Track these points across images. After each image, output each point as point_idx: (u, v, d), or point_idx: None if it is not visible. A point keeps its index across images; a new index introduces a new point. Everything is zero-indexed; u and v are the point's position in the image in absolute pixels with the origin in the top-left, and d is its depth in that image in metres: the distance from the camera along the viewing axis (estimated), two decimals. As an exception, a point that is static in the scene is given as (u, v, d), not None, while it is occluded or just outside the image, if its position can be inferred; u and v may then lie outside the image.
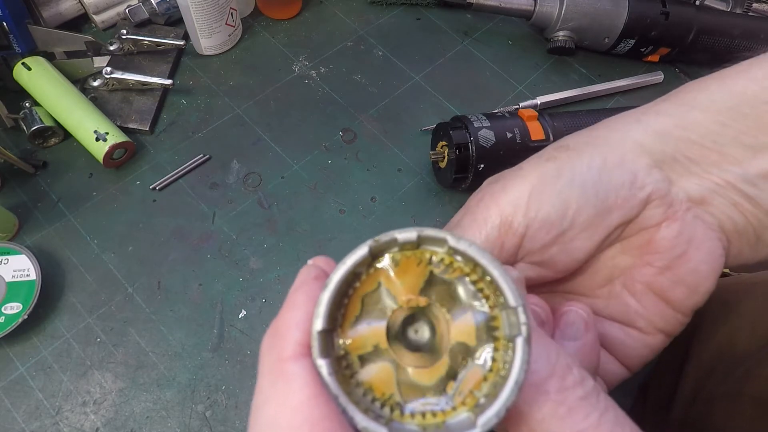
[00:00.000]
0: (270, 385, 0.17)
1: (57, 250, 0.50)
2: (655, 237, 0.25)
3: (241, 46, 0.64)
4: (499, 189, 0.25)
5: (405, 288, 0.17)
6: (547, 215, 0.24)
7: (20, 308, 0.45)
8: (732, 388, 0.30)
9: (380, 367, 0.17)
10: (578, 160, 0.24)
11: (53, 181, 0.53)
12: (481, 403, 0.16)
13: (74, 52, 0.58)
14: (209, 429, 0.44)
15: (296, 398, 0.16)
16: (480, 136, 0.50)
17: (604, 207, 0.24)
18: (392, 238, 0.17)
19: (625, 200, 0.24)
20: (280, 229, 0.53)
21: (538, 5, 0.62)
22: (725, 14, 0.65)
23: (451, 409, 0.16)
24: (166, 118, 0.58)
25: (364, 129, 0.59)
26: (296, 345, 0.17)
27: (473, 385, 0.16)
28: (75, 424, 0.43)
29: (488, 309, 0.17)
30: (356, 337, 0.17)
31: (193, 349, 0.47)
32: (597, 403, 0.18)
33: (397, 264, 0.17)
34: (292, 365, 0.16)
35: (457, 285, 0.17)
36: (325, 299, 0.16)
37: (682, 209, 0.24)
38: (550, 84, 0.64)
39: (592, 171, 0.24)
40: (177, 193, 0.54)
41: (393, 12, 0.68)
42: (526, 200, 0.24)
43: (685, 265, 0.24)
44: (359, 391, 0.17)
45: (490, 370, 0.16)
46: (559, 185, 0.24)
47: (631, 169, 0.24)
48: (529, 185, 0.24)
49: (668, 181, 0.25)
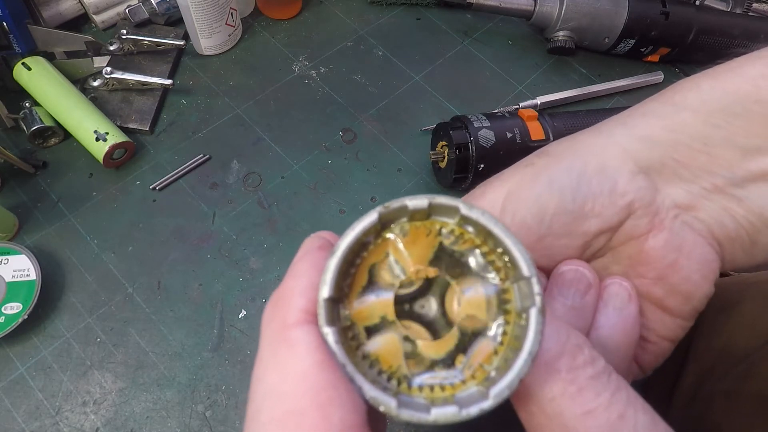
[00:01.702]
0: (272, 353, 0.16)
1: (57, 250, 0.50)
2: (644, 247, 0.24)
3: (241, 46, 0.64)
4: (478, 194, 0.25)
5: (414, 259, 0.17)
6: (523, 219, 0.24)
7: (20, 308, 0.45)
8: (731, 386, 0.30)
9: (387, 339, 0.16)
10: (557, 165, 0.24)
11: (53, 181, 0.53)
12: (492, 377, 0.16)
13: (74, 52, 0.58)
14: (209, 429, 0.44)
15: (300, 365, 0.15)
16: (480, 136, 0.50)
17: (581, 213, 0.24)
18: (402, 205, 0.16)
19: (603, 207, 0.23)
20: (280, 229, 0.53)
21: (538, 5, 0.62)
22: (725, 14, 0.65)
23: (460, 383, 0.16)
24: (166, 118, 0.58)
25: (364, 129, 0.59)
26: (300, 312, 0.16)
27: (483, 358, 0.16)
28: (75, 424, 0.43)
29: (499, 281, 0.17)
30: (363, 307, 0.17)
31: (193, 349, 0.47)
32: (608, 382, 0.17)
33: (406, 234, 0.17)
34: (296, 332, 0.16)
35: (468, 257, 0.17)
36: (333, 266, 0.16)
37: (669, 217, 0.24)
38: (550, 84, 0.64)
39: (570, 176, 0.24)
40: (177, 193, 0.54)
41: (393, 12, 0.68)
42: (501, 204, 0.24)
43: (676, 274, 0.24)
44: (366, 362, 0.16)
45: (501, 344, 0.16)
46: (536, 190, 0.24)
47: (612, 175, 0.24)
48: (506, 190, 0.24)
49: (653, 189, 0.24)
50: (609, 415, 0.17)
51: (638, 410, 0.17)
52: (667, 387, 0.37)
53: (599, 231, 0.24)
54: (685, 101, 0.24)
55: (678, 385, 0.35)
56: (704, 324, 0.34)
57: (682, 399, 0.34)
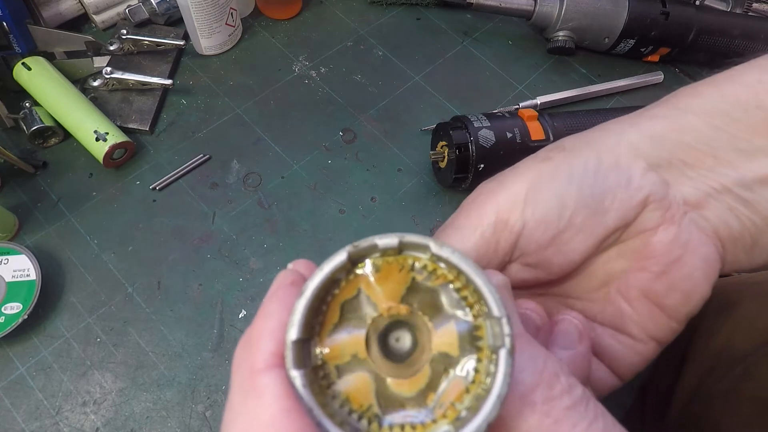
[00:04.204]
0: (240, 400, 0.16)
1: (57, 250, 0.50)
2: (651, 241, 0.24)
3: (241, 46, 0.64)
4: (495, 187, 0.25)
5: (386, 295, 0.16)
6: (544, 215, 0.24)
7: (20, 308, 0.45)
8: (730, 387, 0.30)
9: (358, 378, 0.16)
10: (574, 160, 0.24)
11: (53, 181, 0.53)
12: (463, 416, 0.15)
13: (74, 52, 0.58)
14: (209, 429, 0.44)
15: (268, 413, 0.15)
16: (480, 136, 0.50)
17: (601, 209, 0.24)
18: (372, 244, 0.16)
19: (621, 202, 0.24)
20: (280, 229, 0.53)
21: (538, 5, 0.62)
22: (725, 14, 0.65)
23: (431, 422, 0.16)
24: (166, 118, 0.58)
25: (364, 129, 0.59)
26: (269, 356, 0.16)
27: (455, 397, 0.16)
28: (75, 424, 0.43)
29: (472, 318, 0.16)
30: (334, 346, 0.16)
31: (193, 349, 0.47)
32: (585, 412, 0.17)
33: (378, 270, 0.17)
34: (263, 377, 0.15)
35: (441, 292, 0.17)
36: (300, 307, 0.16)
37: (679, 213, 0.24)
38: (550, 84, 0.64)
39: (588, 172, 0.24)
40: (177, 193, 0.54)
41: (393, 12, 0.68)
42: (524, 198, 0.24)
43: (679, 271, 0.24)
44: (336, 402, 0.16)
45: (473, 382, 0.16)
46: (556, 185, 0.24)
47: (626, 171, 0.24)
48: (526, 184, 0.24)
49: (665, 184, 0.24)
50: None
51: None
52: (666, 387, 0.37)
53: (617, 226, 0.24)
54: (689, 106, 0.24)
55: (677, 386, 0.35)
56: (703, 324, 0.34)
57: (681, 399, 0.34)
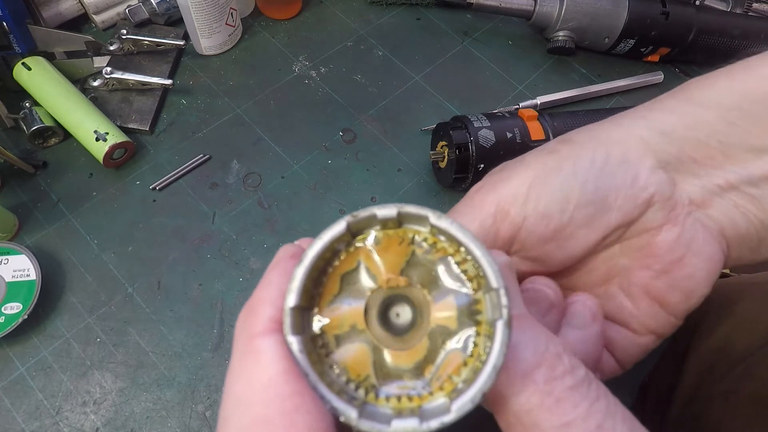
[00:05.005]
0: (240, 363, 0.16)
1: (57, 250, 0.50)
2: (654, 240, 0.24)
3: (241, 46, 0.64)
4: (499, 178, 0.25)
5: (386, 267, 0.17)
6: (547, 208, 0.23)
7: (20, 308, 0.45)
8: (730, 386, 0.30)
9: (357, 348, 0.16)
10: (582, 154, 0.24)
11: (53, 181, 0.53)
12: (459, 389, 0.15)
13: (74, 52, 0.58)
14: (209, 429, 0.44)
15: (266, 374, 0.15)
16: (480, 136, 0.50)
17: (604, 206, 0.24)
18: (371, 214, 0.16)
19: (626, 200, 0.24)
20: (280, 229, 0.53)
21: (538, 5, 0.62)
22: (725, 14, 0.65)
23: (428, 394, 0.16)
24: (166, 118, 0.58)
25: (364, 129, 0.59)
26: (268, 321, 0.16)
27: (452, 369, 0.16)
28: (75, 424, 0.43)
29: (471, 292, 0.16)
30: (334, 316, 0.17)
31: (193, 349, 0.47)
32: (587, 392, 0.17)
33: (379, 242, 0.17)
34: (262, 341, 0.16)
35: (441, 266, 0.17)
36: (300, 274, 0.16)
37: (683, 212, 0.24)
38: (550, 84, 0.64)
39: (594, 167, 0.24)
40: (177, 193, 0.54)
41: (393, 12, 0.68)
42: (526, 191, 0.24)
43: (681, 270, 0.24)
44: (333, 371, 0.16)
45: (471, 355, 0.16)
46: (560, 179, 0.24)
47: (634, 168, 0.24)
48: (531, 176, 0.24)
49: (672, 183, 0.24)
50: (587, 426, 0.16)
51: (617, 420, 0.17)
52: (666, 387, 0.37)
53: (619, 224, 0.24)
54: (702, 98, 0.24)
55: (677, 386, 0.35)
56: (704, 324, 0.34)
57: (681, 399, 0.34)
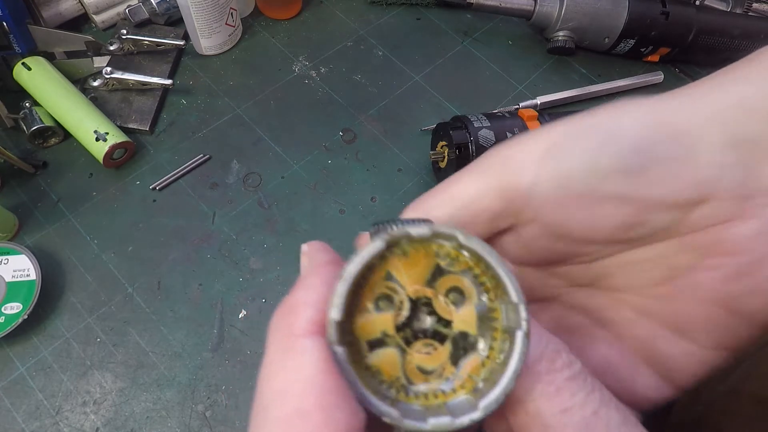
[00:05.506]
0: (280, 357, 0.17)
1: (57, 250, 0.50)
2: (724, 235, 0.20)
3: (241, 46, 0.64)
4: (512, 141, 0.22)
5: (412, 279, 0.18)
6: (569, 171, 0.20)
7: (20, 308, 0.45)
8: (732, 387, 0.30)
9: (387, 353, 0.18)
10: (624, 116, 0.20)
11: (53, 181, 0.53)
12: (479, 387, 0.17)
13: (74, 52, 0.58)
14: (209, 429, 0.44)
15: (308, 369, 0.16)
16: (480, 136, 0.50)
17: (643, 179, 0.19)
18: (405, 233, 0.18)
19: (675, 177, 0.19)
20: (280, 229, 0.53)
21: (538, 5, 0.62)
22: (725, 14, 0.65)
23: (451, 391, 0.18)
24: (166, 118, 0.58)
25: (364, 129, 0.59)
26: (309, 323, 0.17)
27: (471, 370, 0.18)
28: (75, 424, 0.43)
29: (488, 301, 0.18)
30: (365, 323, 0.18)
31: (193, 349, 0.47)
32: (584, 384, 0.18)
33: (407, 255, 0.18)
34: (304, 340, 0.17)
35: (462, 277, 0.19)
36: (342, 291, 0.17)
37: (762, 203, 0.19)
38: (550, 84, 0.64)
39: (636, 131, 0.20)
40: (177, 193, 0.54)
41: (393, 12, 0.68)
42: (544, 149, 0.20)
43: (762, 272, 0.19)
44: (368, 373, 0.18)
45: (488, 357, 0.18)
46: (590, 141, 0.20)
47: (693, 142, 0.19)
48: (553, 135, 0.21)
49: (745, 167, 0.19)
50: (584, 412, 0.18)
51: (611, 408, 0.18)
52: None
53: (662, 205, 0.20)
54: None
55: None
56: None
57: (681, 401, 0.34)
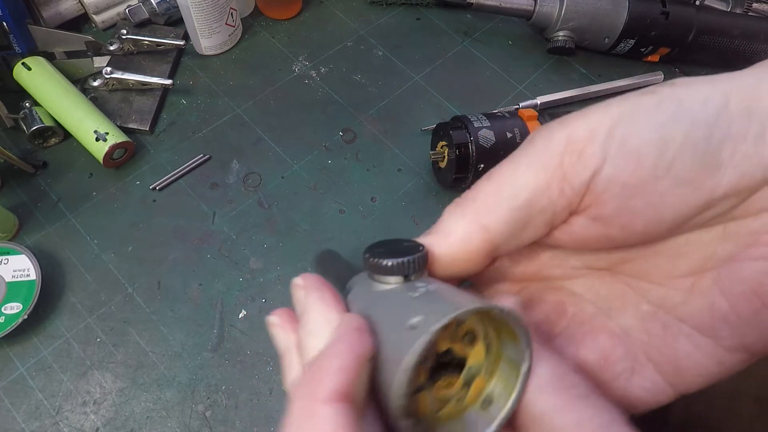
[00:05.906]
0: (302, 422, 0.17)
1: (57, 250, 0.50)
2: None
3: (241, 46, 0.64)
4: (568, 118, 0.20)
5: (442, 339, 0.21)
6: (638, 149, 0.18)
7: (20, 308, 0.45)
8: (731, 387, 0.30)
9: (422, 396, 0.21)
10: (691, 94, 0.19)
11: (53, 181, 0.53)
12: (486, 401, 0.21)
13: (74, 52, 0.58)
14: (209, 429, 0.44)
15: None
16: (480, 136, 0.50)
17: (715, 161, 0.18)
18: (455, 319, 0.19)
19: (745, 158, 0.18)
20: (280, 229, 0.53)
21: (538, 5, 0.62)
22: (725, 14, 0.65)
23: (462, 408, 0.21)
24: (166, 118, 0.58)
25: (364, 129, 0.59)
26: (332, 391, 0.17)
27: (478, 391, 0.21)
28: (75, 424, 0.43)
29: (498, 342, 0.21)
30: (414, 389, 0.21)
31: (193, 349, 0.47)
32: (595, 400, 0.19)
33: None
34: (326, 407, 0.17)
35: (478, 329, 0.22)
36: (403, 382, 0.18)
37: None
38: (550, 84, 0.64)
39: (707, 108, 0.18)
40: (177, 193, 0.54)
41: (393, 12, 0.68)
42: (610, 126, 0.19)
43: None
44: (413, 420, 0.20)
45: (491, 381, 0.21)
46: (659, 116, 0.18)
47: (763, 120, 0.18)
48: (617, 112, 0.19)
49: None
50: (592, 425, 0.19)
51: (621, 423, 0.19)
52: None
53: (731, 189, 0.18)
54: None
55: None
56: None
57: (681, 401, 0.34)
